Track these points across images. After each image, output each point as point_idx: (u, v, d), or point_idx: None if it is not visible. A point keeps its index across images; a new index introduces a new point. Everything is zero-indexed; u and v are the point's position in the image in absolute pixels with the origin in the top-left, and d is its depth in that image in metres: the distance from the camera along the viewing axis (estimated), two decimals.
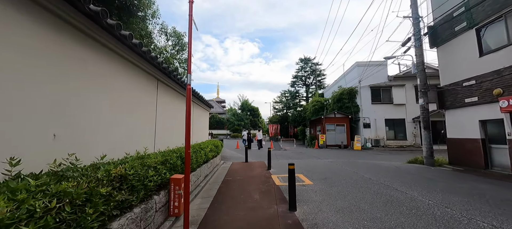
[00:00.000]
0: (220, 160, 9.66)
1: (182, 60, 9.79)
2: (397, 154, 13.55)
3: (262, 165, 8.74)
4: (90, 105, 2.80)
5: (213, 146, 7.44)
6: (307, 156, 12.33)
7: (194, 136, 7.69)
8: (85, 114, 2.71)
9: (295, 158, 11.19)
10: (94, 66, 2.90)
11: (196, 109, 7.94)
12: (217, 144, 8.45)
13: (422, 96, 9.73)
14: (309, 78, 36.80)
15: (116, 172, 2.25)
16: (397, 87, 18.44)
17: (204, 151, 6.11)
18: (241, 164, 9.10)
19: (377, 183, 5.46)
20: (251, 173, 7.03)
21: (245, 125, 43.01)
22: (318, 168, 7.73)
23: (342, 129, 18.58)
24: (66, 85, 2.44)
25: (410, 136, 17.94)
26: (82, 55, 2.68)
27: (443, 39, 9.57)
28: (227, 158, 11.51)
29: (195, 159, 5.01)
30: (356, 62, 19.42)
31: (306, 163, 8.87)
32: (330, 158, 11.24)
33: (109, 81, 3.21)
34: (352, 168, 7.62)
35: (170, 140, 5.26)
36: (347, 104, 19.41)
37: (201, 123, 8.98)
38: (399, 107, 18.33)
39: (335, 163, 8.86)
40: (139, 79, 4.02)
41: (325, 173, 6.72)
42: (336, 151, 15.32)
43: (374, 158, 11.42)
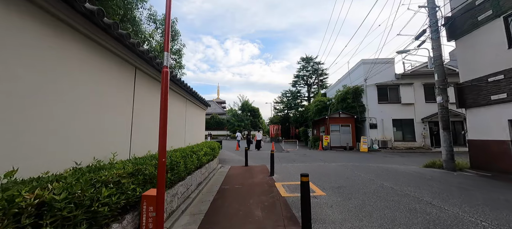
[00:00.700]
0: (217, 164, 8.76)
1: (173, 51, 8.86)
2: (408, 157, 12.63)
3: (264, 169, 7.84)
4: (28, 93, 1.93)
5: (208, 149, 6.55)
6: (312, 159, 11.42)
7: (187, 137, 6.81)
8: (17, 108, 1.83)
9: (299, 162, 10.28)
10: (36, 40, 2.03)
11: (189, 107, 7.06)
12: (214, 146, 7.56)
13: (440, 93, 8.81)
14: (311, 77, 35.93)
15: (30, 198, 1.36)
16: (405, 85, 17.54)
17: (196, 155, 5.23)
18: (241, 169, 8.21)
19: (402, 194, 4.55)
20: (252, 180, 6.13)
21: (245, 125, 42.12)
22: (328, 174, 6.82)
23: (347, 130, 17.67)
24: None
25: (419, 137, 17.01)
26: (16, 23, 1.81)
27: (463, 31, 8.67)
28: (225, 161, 10.61)
29: (184, 166, 4.13)
30: (361, 60, 18.54)
31: (313, 168, 7.97)
32: (338, 161, 10.33)
33: (62, 64, 2.33)
34: (366, 174, 6.72)
35: (152, 143, 4.37)
36: (352, 104, 18.51)
37: (196, 123, 8.10)
38: (407, 106, 17.42)
39: (345, 168, 7.96)
40: (109, 65, 3.14)
41: (338, 181, 5.82)
42: (342, 154, 14.40)
43: (385, 161, 10.50)
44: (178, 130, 5.83)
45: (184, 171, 4.19)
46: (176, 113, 5.76)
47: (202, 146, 6.41)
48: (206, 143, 7.49)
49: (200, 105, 8.41)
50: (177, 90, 5.60)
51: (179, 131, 5.95)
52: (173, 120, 5.51)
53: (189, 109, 6.91)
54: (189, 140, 6.82)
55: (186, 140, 6.55)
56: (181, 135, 6.11)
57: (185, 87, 5.77)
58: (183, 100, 6.28)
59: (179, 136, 5.90)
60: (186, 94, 6.39)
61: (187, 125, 6.67)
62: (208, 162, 6.71)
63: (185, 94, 6.31)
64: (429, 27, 9.14)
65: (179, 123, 5.94)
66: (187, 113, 6.68)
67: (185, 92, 6.17)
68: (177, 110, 5.83)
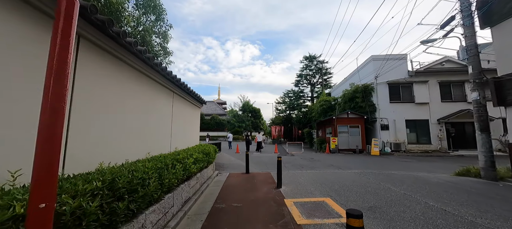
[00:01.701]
0: (214, 171, 7.50)
1: (157, 32, 7.54)
2: (427, 161, 11.29)
3: (269, 179, 6.56)
4: None
5: (201, 155, 5.30)
6: (322, 164, 10.12)
7: (175, 141, 5.55)
8: None
9: (308, 168, 8.99)
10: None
11: (178, 103, 5.80)
12: (209, 150, 6.30)
13: (476, 88, 7.50)
14: (314, 77, 34.64)
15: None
16: (419, 83, 16.22)
17: (182, 165, 3.97)
18: (241, 177, 6.94)
19: (462, 220, 3.27)
20: (254, 195, 4.85)
21: (246, 126, 40.93)
22: (348, 185, 5.53)
23: (356, 131, 16.35)
24: None
25: (434, 139, 15.66)
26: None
27: (501, 15, 7.38)
28: (224, 166, 9.34)
29: (158, 183, 2.87)
30: (371, 56, 17.25)
31: (326, 177, 6.68)
32: (352, 167, 9.03)
33: None
34: (396, 186, 5.42)
35: (111, 152, 3.12)
36: (361, 104, 17.20)
37: (187, 123, 6.84)
38: (422, 106, 16.09)
39: (364, 177, 6.66)
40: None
41: (365, 197, 4.53)
42: (353, 158, 13.08)
43: (405, 168, 9.19)
44: (160, 132, 4.57)
45: (159, 189, 2.93)
46: (157, 109, 4.51)
47: (193, 151, 5.14)
48: (200, 147, 6.23)
49: (193, 101, 7.15)
50: (158, 78, 4.35)
51: (162, 133, 4.69)
52: (152, 118, 4.26)
53: (177, 105, 5.65)
54: (177, 143, 5.55)
55: (173, 144, 5.28)
56: (165, 138, 4.85)
57: (170, 76, 4.52)
58: (168, 94, 5.02)
59: (161, 139, 4.64)
60: (173, 86, 5.13)
61: (175, 125, 5.40)
62: (200, 171, 5.45)
63: (171, 86, 5.05)
64: (461, 12, 7.85)
65: (161, 123, 4.68)
66: (175, 110, 5.42)
67: (170, 83, 4.90)
68: (159, 105, 4.58)
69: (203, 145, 7.06)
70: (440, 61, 17.35)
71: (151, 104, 4.17)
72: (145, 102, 3.94)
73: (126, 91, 3.41)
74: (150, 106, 4.15)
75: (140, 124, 3.79)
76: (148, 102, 4.07)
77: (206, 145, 7.08)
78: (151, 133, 4.15)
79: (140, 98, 3.79)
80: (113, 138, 3.13)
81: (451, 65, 17.20)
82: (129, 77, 3.51)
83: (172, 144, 5.20)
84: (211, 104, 59.66)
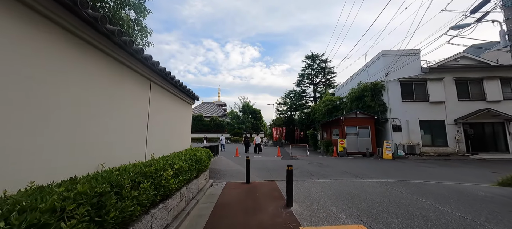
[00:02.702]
0: (207, 180, 6.24)
1: (132, 5, 6.20)
2: (450, 167, 10.00)
3: (274, 191, 5.30)
4: None
5: (187, 163, 4.05)
6: (334, 170, 8.84)
7: (153, 145, 4.29)
8: None
9: (319, 175, 7.71)
10: None
11: (158, 96, 4.54)
12: (200, 156, 5.04)
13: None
14: (317, 76, 33.42)
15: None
16: (434, 81, 14.97)
17: (155, 181, 2.74)
18: (240, 188, 5.67)
19: None
20: (258, 220, 3.58)
21: (246, 128, 39.67)
22: (379, 202, 4.26)
23: (365, 133, 15.07)
24: None
25: (451, 141, 14.37)
26: None
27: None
28: (220, 173, 8.08)
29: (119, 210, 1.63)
30: (381, 52, 16.03)
31: (345, 189, 5.41)
32: (371, 174, 7.74)
33: None
34: (442, 204, 4.15)
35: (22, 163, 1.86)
36: (370, 103, 15.95)
37: (175, 122, 5.57)
38: (437, 105, 14.84)
39: (393, 189, 5.40)
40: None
41: (414, 223, 3.26)
42: (365, 162, 11.80)
43: (430, 175, 7.90)
44: (126, 133, 3.30)
45: (124, 215, 1.68)
46: (120, 101, 3.25)
47: (177, 159, 3.89)
48: (189, 152, 4.97)
49: (182, 96, 5.88)
50: (122, 57, 3.10)
51: (130, 135, 3.41)
52: (111, 114, 3.00)
53: (157, 99, 4.39)
54: (156, 148, 4.28)
55: (151, 149, 4.02)
56: (136, 141, 3.57)
57: (140, 55, 3.27)
58: (141, 83, 3.75)
59: (128, 143, 3.36)
60: (150, 73, 3.87)
61: (153, 125, 4.14)
62: (187, 183, 4.19)
63: (147, 72, 3.79)
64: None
65: (129, 120, 3.41)
66: (153, 105, 4.16)
67: (144, 67, 3.64)
68: (124, 95, 3.32)
69: (194, 149, 5.81)
70: (454, 57, 16.13)
71: (108, 93, 2.92)
72: (94, 88, 2.69)
73: (50, 65, 2.16)
74: (106, 96, 2.90)
75: (85, 121, 2.54)
76: (102, 90, 2.82)
77: (198, 149, 5.82)
78: (108, 135, 2.89)
79: (84, 82, 2.54)
80: (22, 142, 1.87)
81: (467, 61, 15.98)
82: (61, 45, 2.26)
83: (148, 149, 3.93)
84: (211, 106, 58.40)
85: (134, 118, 3.49)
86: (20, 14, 1.89)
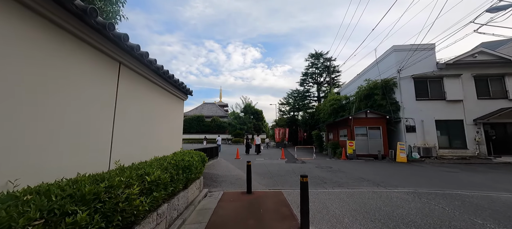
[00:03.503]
0: (200, 189, 5.23)
1: None
2: (476, 172, 8.87)
3: (282, 205, 4.27)
4: None
5: (167, 174, 3.04)
6: (348, 176, 7.77)
7: (122, 149, 3.28)
8: None
9: (333, 183, 6.65)
10: None
11: (129, 82, 3.53)
12: (189, 163, 4.03)
13: None
14: (321, 75, 32.29)
15: None
16: (451, 77, 13.84)
17: (114, 202, 1.73)
18: (239, 200, 4.65)
19: None
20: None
21: (248, 129, 38.69)
22: (422, 226, 3.21)
23: (376, 134, 13.96)
24: None
25: (471, 143, 13.21)
26: None
27: None
28: (218, 179, 7.06)
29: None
30: (393, 46, 14.94)
31: (369, 203, 4.37)
32: (394, 182, 6.66)
33: None
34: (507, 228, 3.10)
35: None
36: (381, 101, 14.84)
37: (158, 119, 4.55)
38: (454, 104, 13.69)
39: (430, 202, 4.34)
40: None
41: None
42: (379, 166, 10.70)
43: (459, 182, 6.80)
44: (68, 131, 2.28)
45: None
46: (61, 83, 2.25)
47: (155, 167, 2.90)
48: (175, 158, 3.96)
49: (169, 88, 4.86)
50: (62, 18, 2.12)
51: (80, 134, 2.41)
52: (33, 101, 1.99)
53: (129, 86, 3.38)
54: (125, 153, 3.25)
55: (117, 154, 2.98)
56: (93, 144, 2.57)
57: (96, 24, 2.28)
58: (104, 62, 2.76)
59: (76, 146, 2.34)
60: (116, 50, 2.88)
61: (121, 122, 3.12)
62: (168, 200, 3.18)
63: (110, 47, 2.78)
64: None
65: (79, 114, 2.40)
66: (123, 93, 3.16)
67: (103, 39, 2.63)
68: (72, 77, 2.32)
69: (184, 153, 4.80)
70: (472, 52, 14.97)
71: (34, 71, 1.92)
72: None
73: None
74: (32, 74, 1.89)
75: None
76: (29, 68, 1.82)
77: (189, 153, 4.81)
78: (31, 134, 1.89)
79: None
80: None
81: (485, 57, 14.78)
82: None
83: (114, 155, 2.92)
84: (212, 106, 57.51)
85: (86, 110, 2.48)
86: None
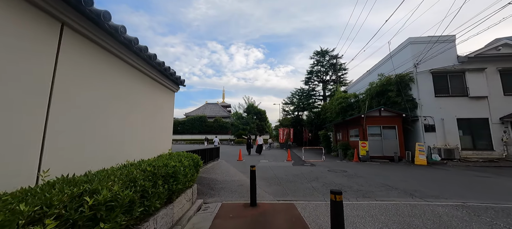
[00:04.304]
0: (192, 201, 4.21)
1: None
2: (511, 177, 7.67)
3: (296, 224, 3.21)
4: None
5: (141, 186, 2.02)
6: (369, 182, 6.67)
7: (69, 150, 2.26)
8: None
9: (354, 190, 5.57)
10: None
11: (80, 54, 2.53)
12: (175, 170, 3.02)
13: None
14: (326, 73, 31.12)
15: None
16: (474, 72, 12.61)
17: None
18: (241, 216, 3.63)
19: None
20: None
21: (251, 129, 37.66)
22: None
23: (391, 134, 12.79)
24: None
25: (497, 144, 11.96)
26: None
27: None
28: (216, 185, 6.03)
29: None
30: (408, 38, 13.76)
31: (415, 225, 3.28)
32: (428, 192, 5.54)
33: None
34: None
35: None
36: (395, 99, 13.65)
37: (138, 112, 3.55)
38: (478, 101, 12.46)
39: (503, 225, 3.24)
40: None
41: None
42: (398, 170, 9.55)
43: (506, 190, 5.65)
44: None
45: None
46: None
47: (111, 180, 1.88)
48: (157, 162, 2.96)
49: (151, 72, 3.84)
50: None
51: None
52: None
53: (82, 61, 2.37)
54: (71, 158, 2.24)
55: (54, 160, 1.98)
56: (5, 145, 1.57)
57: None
58: (38, 19, 1.80)
59: None
60: (58, 6, 1.90)
61: (66, 111, 2.11)
62: (138, 224, 2.16)
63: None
64: None
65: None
66: (69, 69, 2.16)
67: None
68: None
69: (172, 155, 3.79)
70: (494, 45, 13.70)
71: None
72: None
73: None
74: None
75: None
76: None
77: (177, 155, 3.80)
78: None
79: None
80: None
81: (510, 49, 13.53)
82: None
83: (48, 160, 1.92)
84: (215, 106, 56.71)
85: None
86: None
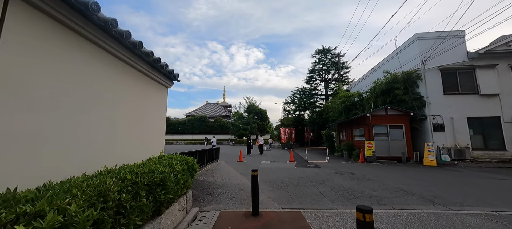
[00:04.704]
0: (185, 211, 3.73)
1: None
2: None
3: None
4: None
5: (112, 202, 1.54)
6: (382, 186, 6.17)
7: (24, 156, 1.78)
8: None
9: (366, 196, 5.07)
10: None
11: (38, 34, 2.08)
12: (162, 177, 2.55)
13: None
14: (328, 72, 30.58)
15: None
16: (485, 68, 12.07)
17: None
18: (241, 227, 3.14)
19: None
20: None
21: (251, 129, 37.19)
22: None
23: (398, 133, 12.27)
24: None
25: (510, 144, 11.41)
26: None
27: None
28: (214, 190, 5.55)
29: None
30: (416, 34, 13.22)
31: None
32: (449, 198, 5.02)
33: None
34: None
35: None
36: (402, 97, 13.12)
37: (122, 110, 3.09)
38: (489, 99, 11.92)
39: None
40: None
41: None
42: (408, 171, 9.04)
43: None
44: None
45: None
46: None
47: (82, 192, 1.39)
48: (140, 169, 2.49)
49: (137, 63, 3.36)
50: None
51: None
52: None
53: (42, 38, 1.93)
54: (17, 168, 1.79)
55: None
56: None
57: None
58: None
59: None
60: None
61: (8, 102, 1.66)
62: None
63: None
64: None
65: None
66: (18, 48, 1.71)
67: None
68: None
69: (162, 158, 3.31)
70: (505, 40, 13.15)
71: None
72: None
73: None
74: None
75: None
76: None
77: (168, 159, 3.31)
78: None
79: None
80: None
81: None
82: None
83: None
84: (215, 106, 56.26)
85: None
86: None
